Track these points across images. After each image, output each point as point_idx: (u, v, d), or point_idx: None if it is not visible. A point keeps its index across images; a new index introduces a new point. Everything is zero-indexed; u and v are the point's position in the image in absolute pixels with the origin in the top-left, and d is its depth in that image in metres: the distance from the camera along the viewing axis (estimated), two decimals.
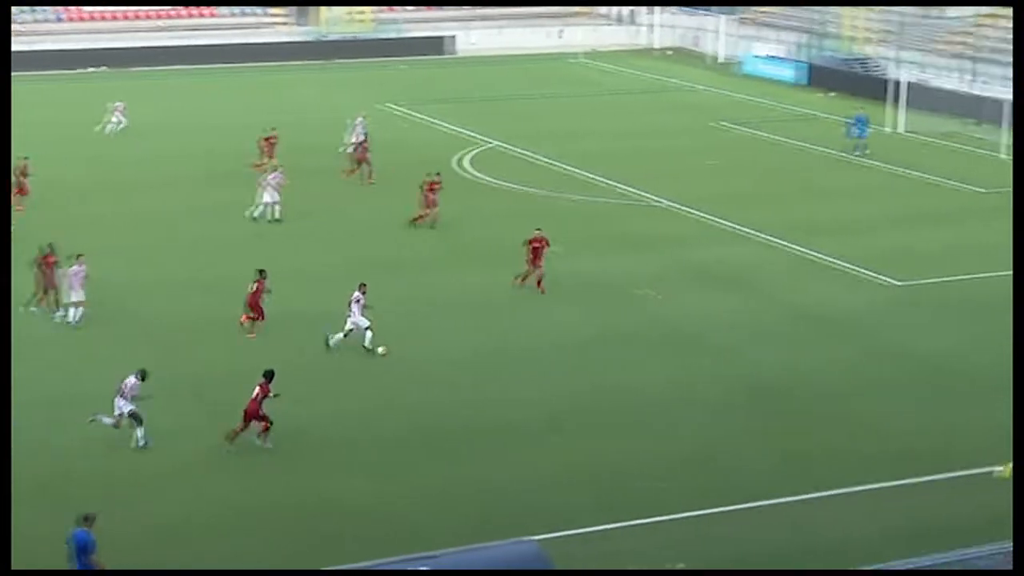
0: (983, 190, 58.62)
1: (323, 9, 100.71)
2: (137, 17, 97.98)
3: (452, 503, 29.55)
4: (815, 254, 48.01)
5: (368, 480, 30.65)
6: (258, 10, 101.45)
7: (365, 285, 38.53)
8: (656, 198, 56.17)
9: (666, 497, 29.54)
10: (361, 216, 52.85)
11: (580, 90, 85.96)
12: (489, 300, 42.88)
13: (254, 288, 39.13)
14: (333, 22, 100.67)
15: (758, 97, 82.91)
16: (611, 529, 28.13)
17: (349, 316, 37.93)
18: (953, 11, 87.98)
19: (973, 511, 29.01)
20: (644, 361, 37.96)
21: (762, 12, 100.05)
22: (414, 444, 32.46)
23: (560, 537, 27.22)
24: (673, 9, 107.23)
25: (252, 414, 31.44)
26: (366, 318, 37.86)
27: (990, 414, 34.36)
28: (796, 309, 42.46)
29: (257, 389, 31.54)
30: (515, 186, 58.00)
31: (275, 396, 31.69)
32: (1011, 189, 58.83)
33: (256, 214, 51.45)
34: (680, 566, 24.79)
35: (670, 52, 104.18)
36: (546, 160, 63.24)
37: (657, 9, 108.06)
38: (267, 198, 51.26)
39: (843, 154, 65.49)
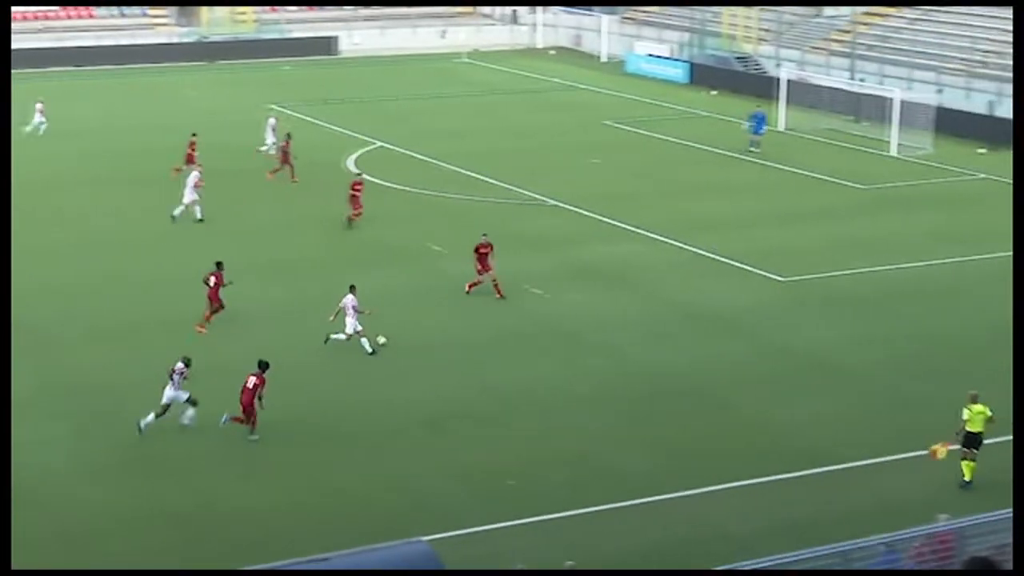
0: (864, 186, 59.51)
1: (205, 9, 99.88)
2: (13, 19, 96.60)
3: (340, 504, 29.50)
4: (700, 251, 48.48)
5: (251, 484, 30.52)
6: (137, 10, 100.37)
7: (355, 287, 38.62)
8: (543, 197, 56.41)
9: (555, 495, 29.68)
10: (256, 217, 52.63)
11: (465, 90, 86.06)
12: (377, 301, 42.75)
13: (212, 281, 39.61)
14: (215, 23, 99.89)
15: (642, 96, 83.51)
16: (499, 528, 28.26)
17: (347, 321, 38.00)
18: (832, 10, 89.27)
19: (857, 504, 29.47)
20: (532, 360, 38.12)
21: (644, 11, 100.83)
22: (298, 447, 32.36)
23: (449, 537, 27.28)
24: (556, 9, 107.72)
25: (249, 405, 31.96)
26: (358, 322, 38.02)
27: (874, 408, 34.94)
28: (682, 306, 42.85)
29: (253, 379, 32.00)
30: (402, 186, 57.95)
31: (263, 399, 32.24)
32: (890, 184, 59.98)
33: (176, 213, 51.54)
34: (570, 564, 24.94)
35: (553, 52, 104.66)
36: (433, 160, 63.25)
37: (540, 9, 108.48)
38: (188, 198, 51.48)
39: (727, 152, 66.22)
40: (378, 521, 28.45)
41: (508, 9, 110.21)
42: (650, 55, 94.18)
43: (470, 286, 43.30)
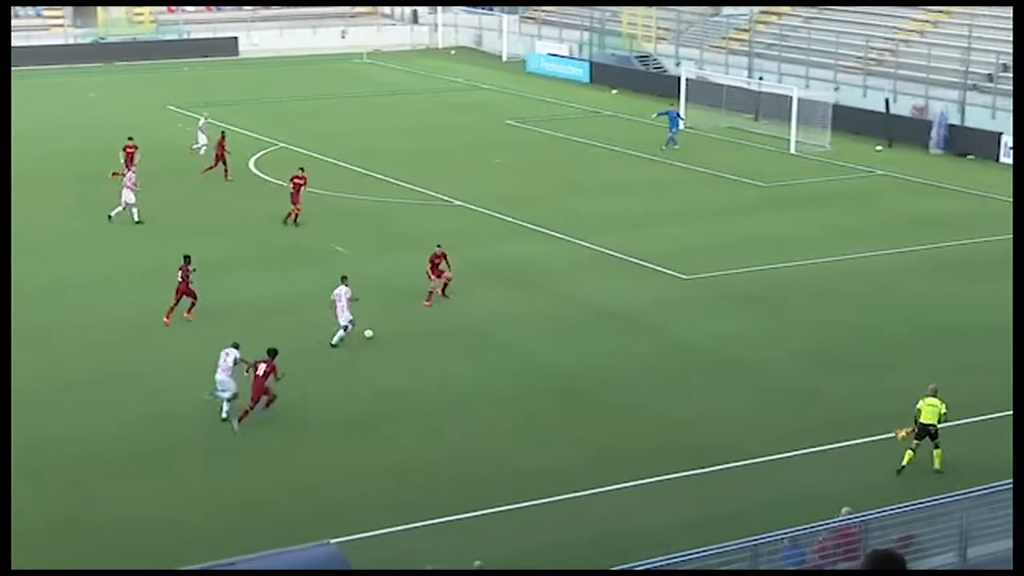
0: (765, 184, 59.94)
1: (101, 10, 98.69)
2: None
3: (246, 508, 29.16)
4: (604, 250, 48.55)
5: (152, 488, 30.08)
6: (32, 11, 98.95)
7: (347, 278, 39.34)
8: (446, 197, 56.28)
9: (466, 494, 29.55)
10: (155, 220, 52.04)
11: (366, 90, 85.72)
12: (276, 303, 42.43)
13: (180, 275, 40.29)
14: (112, 24, 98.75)
15: (543, 95, 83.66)
16: (410, 529, 28.05)
17: (339, 312, 38.69)
18: (730, 9, 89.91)
19: (765, 498, 29.57)
20: (437, 360, 37.96)
21: (544, 11, 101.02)
22: (201, 450, 31.97)
23: (359, 539, 27.08)
24: (456, 8, 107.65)
25: (259, 391, 32.99)
26: (350, 312, 38.75)
27: (779, 404, 35.11)
28: (587, 305, 42.87)
29: (263, 366, 33.03)
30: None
31: (281, 376, 33.40)
32: (789, 181, 60.50)
33: (113, 214, 51.64)
34: (478, 563, 24.85)
35: (454, 52, 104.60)
36: (335, 160, 62.88)
37: (440, 9, 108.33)
38: (127, 199, 51.53)
39: (629, 150, 66.47)
40: (286, 524, 28.10)
41: (408, 9, 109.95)
42: (551, 54, 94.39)
43: (430, 296, 42.55)
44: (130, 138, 57.64)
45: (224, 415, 33.10)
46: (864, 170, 63.08)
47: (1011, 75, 70.89)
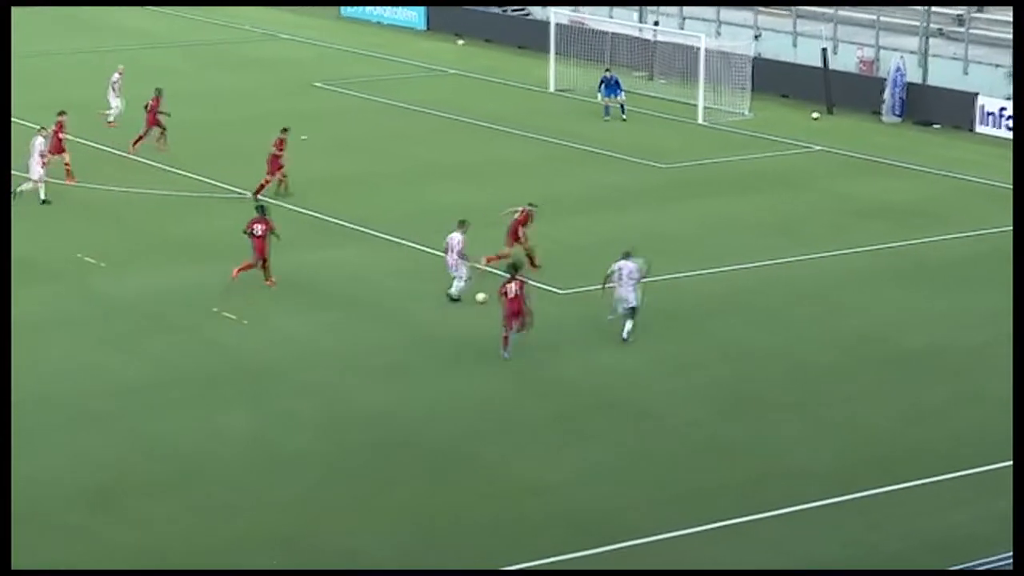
0: (663, 165, 60.32)
1: None
2: None
3: None
4: (443, 254, 48.45)
5: None
6: None
7: (465, 222, 45.56)
8: (231, 187, 55.94)
9: None
10: None
11: (121, 43, 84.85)
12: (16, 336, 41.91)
13: (261, 231, 45.54)
14: None
15: (365, 48, 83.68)
16: None
17: (454, 263, 44.92)
18: None
19: None
20: (225, 407, 37.62)
21: None
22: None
23: None
24: None
25: (518, 312, 40.15)
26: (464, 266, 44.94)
27: (682, 459, 35.15)
28: (420, 329, 42.77)
29: (513, 286, 40.22)
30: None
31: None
32: (696, 161, 61.05)
33: (19, 189, 53.32)
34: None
35: None
36: (78, 139, 61.96)
37: None
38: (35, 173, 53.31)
39: (481, 121, 66.61)
40: None
41: None
42: None
43: (496, 259, 46.75)
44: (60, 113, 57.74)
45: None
46: (796, 145, 63.74)
47: (988, 17, 72.13)
